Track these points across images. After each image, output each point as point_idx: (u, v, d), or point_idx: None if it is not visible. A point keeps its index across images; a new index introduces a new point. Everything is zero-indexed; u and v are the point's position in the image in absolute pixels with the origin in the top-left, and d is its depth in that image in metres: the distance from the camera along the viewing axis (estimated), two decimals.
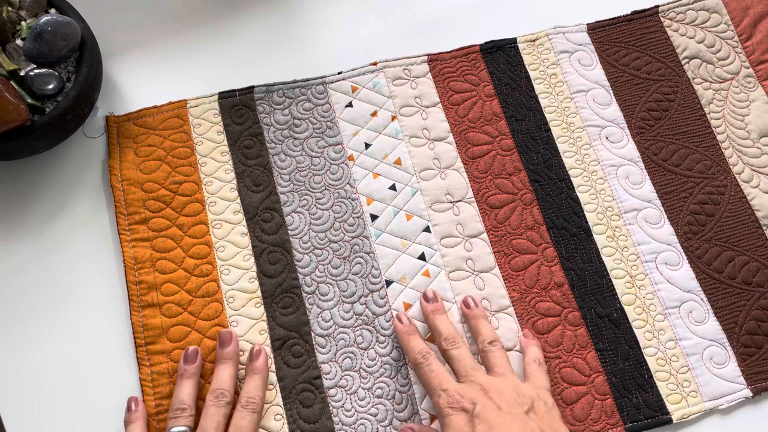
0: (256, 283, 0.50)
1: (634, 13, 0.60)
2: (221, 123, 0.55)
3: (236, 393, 0.47)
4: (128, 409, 0.47)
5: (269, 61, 0.57)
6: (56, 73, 0.49)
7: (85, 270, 0.51)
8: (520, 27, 0.59)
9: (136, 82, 0.56)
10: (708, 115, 0.57)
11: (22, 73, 0.48)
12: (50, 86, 0.48)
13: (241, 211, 0.52)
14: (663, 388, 0.48)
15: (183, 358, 0.47)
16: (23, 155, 0.51)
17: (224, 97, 0.55)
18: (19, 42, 0.49)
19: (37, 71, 0.48)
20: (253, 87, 0.56)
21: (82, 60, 0.50)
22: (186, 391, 0.46)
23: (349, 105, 0.56)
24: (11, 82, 0.47)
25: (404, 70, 0.57)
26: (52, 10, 0.51)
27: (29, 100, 0.48)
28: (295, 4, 0.60)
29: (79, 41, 0.50)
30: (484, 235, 0.52)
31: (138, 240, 0.51)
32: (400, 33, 0.59)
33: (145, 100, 0.55)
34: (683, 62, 0.58)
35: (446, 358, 0.47)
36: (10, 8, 0.49)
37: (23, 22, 0.49)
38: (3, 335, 0.49)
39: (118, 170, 0.52)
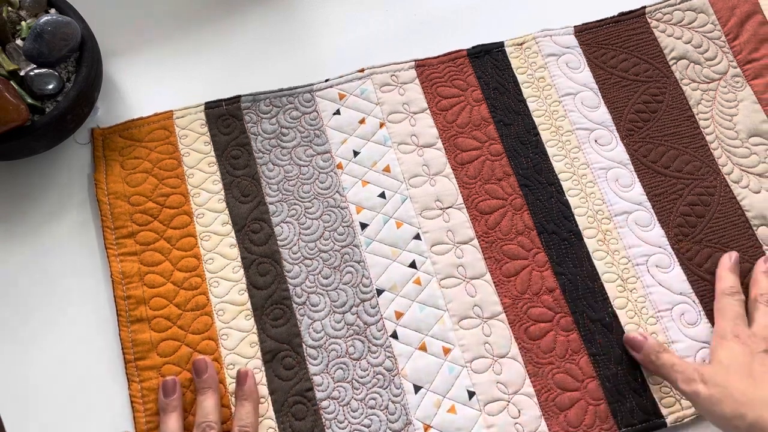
0: (246, 295, 0.50)
1: (621, 14, 0.60)
2: (208, 133, 0.54)
3: (225, 420, 0.46)
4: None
5: (269, 60, 0.57)
6: (56, 73, 0.49)
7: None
8: (523, 28, 0.59)
9: (136, 82, 0.56)
10: (696, 116, 0.57)
11: (22, 73, 0.48)
12: (50, 86, 0.48)
13: (230, 222, 0.52)
14: (657, 392, 0.48)
15: (162, 392, 0.46)
16: (23, 155, 0.51)
17: (210, 107, 0.55)
18: (19, 42, 0.49)
19: (37, 71, 0.48)
20: (239, 96, 0.55)
21: (82, 60, 0.50)
22: (171, 426, 0.45)
23: (337, 113, 0.55)
24: (11, 82, 0.48)
25: (392, 76, 0.57)
26: (52, 10, 0.51)
27: (29, 100, 0.48)
28: (295, 3, 0.60)
29: (79, 41, 0.50)
30: (475, 242, 0.52)
31: (125, 254, 0.50)
32: (400, 33, 0.59)
33: (145, 100, 0.56)
34: (671, 63, 0.58)
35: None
36: (10, 8, 0.49)
37: (23, 22, 0.49)
38: None
39: (104, 183, 0.52)
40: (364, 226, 0.52)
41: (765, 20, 0.60)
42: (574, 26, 0.59)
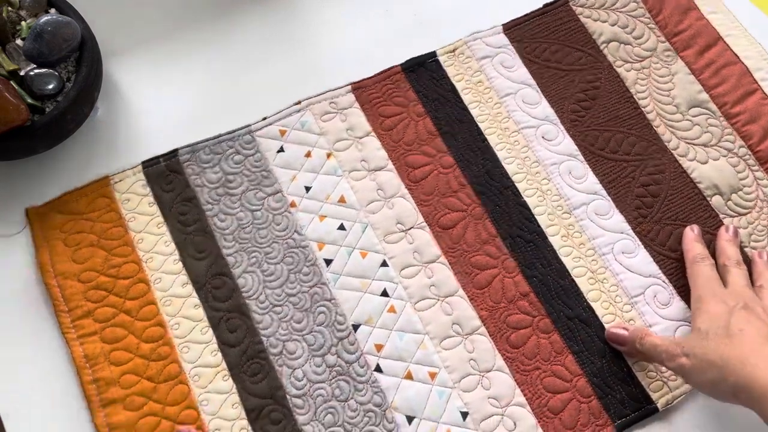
0: (219, 355, 0.48)
1: (546, 6, 0.60)
2: (151, 193, 0.52)
3: None
4: None
5: (268, 59, 0.57)
6: (56, 73, 0.48)
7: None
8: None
9: (136, 82, 0.56)
10: (635, 96, 0.57)
11: (22, 73, 0.48)
12: (50, 86, 0.48)
13: (189, 282, 0.50)
14: (643, 378, 0.49)
15: None
16: (23, 155, 0.51)
17: (148, 165, 0.53)
18: (19, 42, 0.49)
19: (37, 71, 0.48)
20: (176, 150, 0.53)
21: (82, 60, 0.50)
22: None
23: (281, 150, 0.54)
24: (11, 82, 0.47)
25: (330, 103, 0.56)
26: (52, 10, 0.51)
27: (29, 100, 0.48)
28: (295, 3, 0.59)
29: (79, 41, 0.50)
30: (442, 258, 0.52)
31: (85, 335, 0.48)
32: (400, 33, 0.58)
33: (145, 100, 0.55)
34: (602, 47, 0.59)
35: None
36: (10, 8, 0.49)
37: (23, 22, 0.49)
38: None
39: (50, 265, 0.49)
40: (328, 261, 0.51)
41: None
42: (503, 24, 0.59)
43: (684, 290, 0.51)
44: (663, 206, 0.54)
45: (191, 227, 0.51)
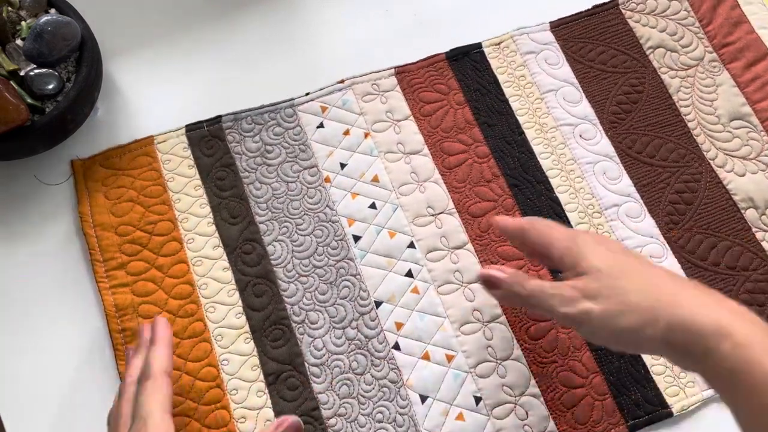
0: (243, 318, 0.49)
1: (595, 7, 0.60)
2: (191, 156, 0.53)
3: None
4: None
5: (269, 60, 0.57)
6: (56, 73, 0.48)
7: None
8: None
9: (136, 82, 0.56)
10: (677, 104, 0.57)
11: (22, 73, 0.48)
12: (50, 86, 0.48)
13: (221, 245, 0.51)
14: (660, 382, 0.48)
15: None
16: (23, 155, 0.51)
17: (192, 129, 0.54)
18: (19, 42, 0.49)
19: (37, 71, 0.48)
20: (220, 116, 0.54)
21: (82, 60, 0.50)
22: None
23: (320, 126, 0.55)
24: (11, 82, 0.47)
25: (372, 85, 0.56)
26: (52, 10, 0.50)
27: (29, 100, 0.48)
28: (296, 3, 0.59)
29: (79, 41, 0.50)
30: (469, 245, 0.52)
31: (117, 286, 0.49)
32: (401, 33, 0.59)
33: (145, 100, 0.55)
34: (648, 52, 0.59)
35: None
36: (10, 8, 0.49)
37: (23, 22, 0.49)
38: None
39: (90, 216, 0.51)
40: (357, 238, 0.52)
41: (736, 4, 0.60)
42: (550, 22, 0.59)
43: None
44: (696, 214, 0.53)
45: (227, 192, 0.53)
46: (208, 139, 0.54)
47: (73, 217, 0.52)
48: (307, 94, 0.56)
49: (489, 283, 0.42)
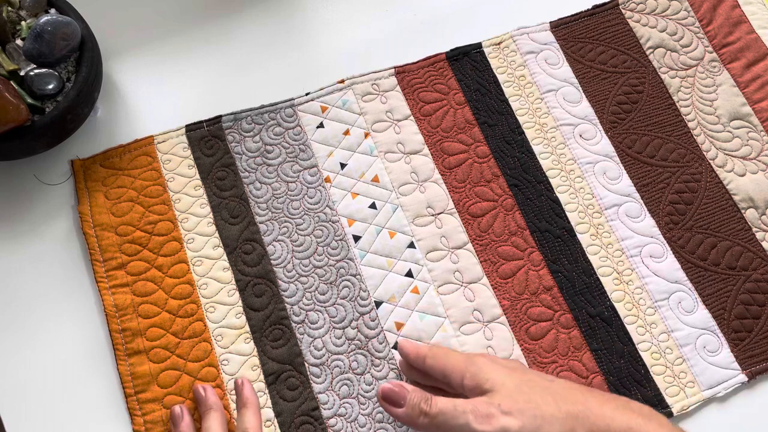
0: (243, 318, 0.49)
1: (595, 7, 0.60)
2: (191, 156, 0.53)
3: None
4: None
5: (269, 60, 0.57)
6: (56, 73, 0.48)
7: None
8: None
9: (136, 82, 0.56)
10: (677, 104, 0.57)
11: (22, 73, 0.48)
12: (50, 86, 0.48)
13: (221, 245, 0.51)
14: (660, 382, 0.49)
15: (171, 423, 0.46)
16: (23, 155, 0.51)
17: (192, 129, 0.54)
18: (19, 42, 0.49)
19: (37, 71, 0.48)
20: (220, 116, 0.54)
21: (82, 60, 0.50)
22: None
23: (320, 126, 0.55)
24: (11, 82, 0.47)
25: (372, 85, 0.56)
26: (52, 10, 0.50)
27: (29, 100, 0.48)
28: (295, 4, 0.59)
29: (79, 41, 0.50)
30: (469, 246, 0.52)
31: (117, 286, 0.49)
32: (400, 33, 0.58)
33: (145, 100, 0.55)
34: (648, 52, 0.59)
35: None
36: (10, 8, 0.49)
37: (23, 22, 0.49)
38: None
39: (90, 216, 0.51)
40: (357, 238, 0.52)
41: (736, 3, 0.60)
42: (550, 22, 0.59)
43: (710, 300, 0.51)
44: (695, 214, 0.53)
45: (227, 192, 0.53)
46: (208, 139, 0.54)
47: (72, 217, 0.52)
48: (307, 94, 0.56)
49: (389, 400, 0.40)
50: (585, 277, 0.51)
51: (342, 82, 0.56)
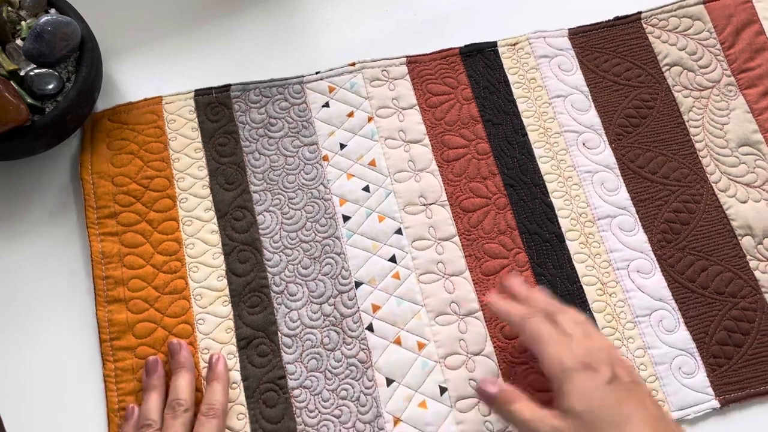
0: (225, 281, 0.50)
1: (617, 18, 0.60)
2: (196, 120, 0.55)
3: (198, 403, 0.46)
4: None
5: (269, 61, 0.57)
6: (56, 73, 0.49)
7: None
8: (518, 29, 0.59)
9: (136, 82, 0.56)
10: (687, 123, 0.56)
11: (22, 73, 0.48)
12: (50, 86, 0.48)
13: (213, 208, 0.52)
14: None
15: (145, 371, 0.47)
16: (23, 155, 0.51)
17: (200, 94, 0.55)
18: (19, 42, 0.49)
19: (37, 71, 0.48)
20: (230, 85, 0.56)
21: (82, 60, 0.50)
22: (151, 404, 0.45)
23: (326, 105, 0.56)
24: (11, 82, 0.48)
25: (383, 71, 0.57)
26: (52, 10, 0.51)
27: (29, 100, 0.48)
28: (295, 4, 0.60)
29: (79, 41, 0.50)
30: (456, 239, 0.52)
31: (106, 234, 0.51)
32: (400, 33, 0.59)
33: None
34: (664, 69, 0.58)
35: None
36: (10, 8, 0.49)
37: (23, 22, 0.49)
38: None
39: (89, 163, 0.52)
40: (346, 218, 0.52)
41: (761, 30, 0.59)
42: (569, 29, 0.59)
43: (692, 322, 0.50)
44: (690, 235, 0.52)
45: (226, 159, 0.54)
46: (214, 105, 0.55)
47: (74, 217, 0.52)
48: (317, 72, 0.56)
49: (481, 397, 0.44)
50: (568, 284, 0.51)
51: (353, 65, 0.57)
